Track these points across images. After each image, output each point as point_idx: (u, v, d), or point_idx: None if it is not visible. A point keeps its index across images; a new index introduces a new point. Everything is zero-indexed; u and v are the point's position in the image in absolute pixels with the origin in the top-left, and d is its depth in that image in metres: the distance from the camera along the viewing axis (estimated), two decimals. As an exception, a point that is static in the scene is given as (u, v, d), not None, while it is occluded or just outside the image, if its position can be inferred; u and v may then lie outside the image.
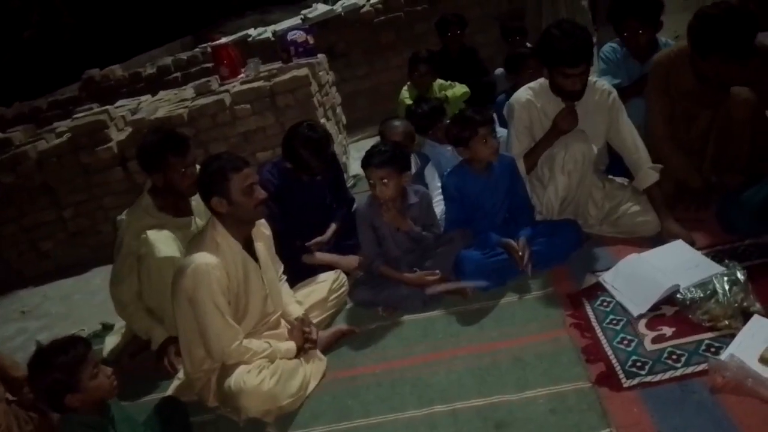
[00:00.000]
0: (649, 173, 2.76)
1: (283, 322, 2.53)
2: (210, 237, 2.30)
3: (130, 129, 4.43)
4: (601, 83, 2.84)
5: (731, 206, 2.61)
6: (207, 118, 4.25)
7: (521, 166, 2.86)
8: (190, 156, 2.69)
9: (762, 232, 2.52)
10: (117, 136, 4.48)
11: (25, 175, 4.45)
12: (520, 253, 2.65)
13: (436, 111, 3.52)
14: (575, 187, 2.80)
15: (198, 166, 2.69)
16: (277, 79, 4.26)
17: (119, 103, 5.20)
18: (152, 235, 2.63)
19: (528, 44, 4.35)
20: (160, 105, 4.65)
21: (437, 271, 2.69)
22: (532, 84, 2.89)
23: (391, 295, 2.75)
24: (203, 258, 2.22)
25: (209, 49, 5.68)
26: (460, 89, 4.24)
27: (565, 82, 2.65)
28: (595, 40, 4.69)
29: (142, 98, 5.15)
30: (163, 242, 2.62)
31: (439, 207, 3.05)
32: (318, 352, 2.50)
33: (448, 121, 3.15)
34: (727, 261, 2.34)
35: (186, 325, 2.30)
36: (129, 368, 2.82)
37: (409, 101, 4.19)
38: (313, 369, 2.43)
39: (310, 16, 5.79)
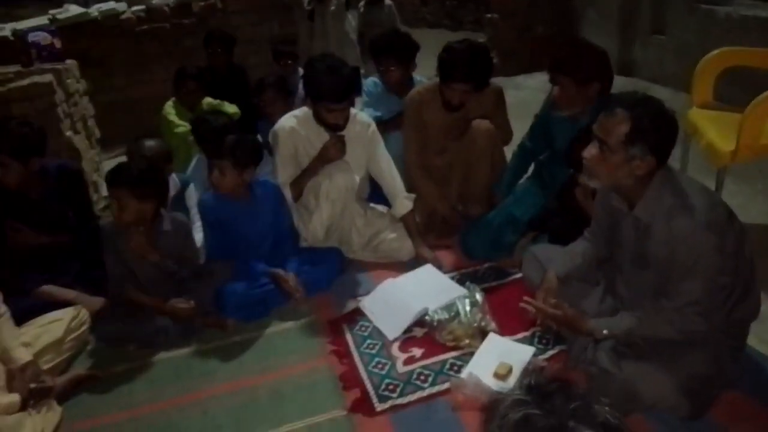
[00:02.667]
0: (404, 202, 2.94)
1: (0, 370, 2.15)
2: None
3: None
4: (361, 115, 2.96)
5: (470, 233, 2.89)
6: None
7: (287, 193, 2.85)
8: None
9: (496, 256, 2.82)
10: None
11: None
12: (291, 284, 2.61)
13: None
14: (339, 215, 2.87)
15: None
16: (14, 85, 3.70)
17: None
18: None
19: (300, 69, 4.39)
20: None
21: (191, 301, 2.52)
22: (296, 112, 2.90)
23: (142, 328, 2.50)
24: None
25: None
26: (229, 108, 4.10)
27: (328, 115, 2.72)
28: (362, 72, 4.95)
29: None
30: None
31: (200, 234, 2.87)
32: (51, 402, 2.17)
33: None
34: (468, 283, 2.57)
35: None
36: None
37: (173, 117, 3.93)
38: (43, 421, 2.09)
39: (59, 17, 5.17)
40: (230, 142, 2.58)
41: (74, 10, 5.28)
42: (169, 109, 4.00)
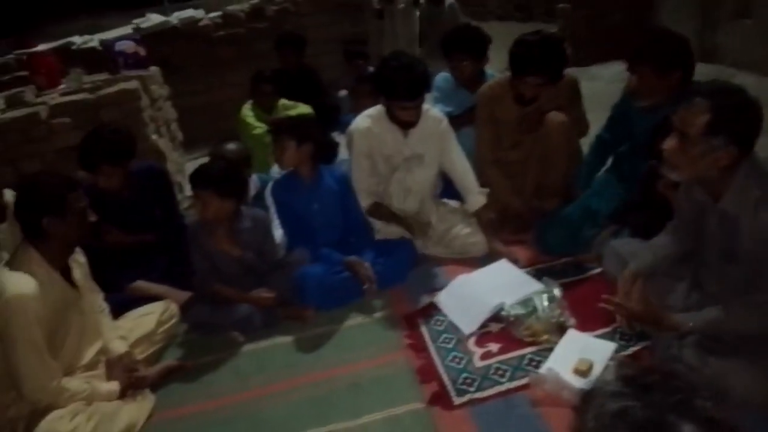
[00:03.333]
0: (477, 197, 2.93)
1: (101, 362, 2.30)
2: (23, 264, 2.06)
3: None
4: (433, 111, 2.96)
5: (547, 228, 2.84)
6: (18, 133, 3.79)
7: (363, 200, 2.89)
8: None
9: (574, 250, 2.76)
10: None
11: None
12: (366, 271, 2.67)
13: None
14: (418, 208, 2.88)
15: (6, 190, 2.40)
16: (103, 92, 3.93)
17: None
18: None
19: (370, 68, 4.44)
20: (-38, 116, 4.09)
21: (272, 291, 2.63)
22: (370, 111, 2.92)
23: (229, 315, 2.62)
24: (18, 287, 1.98)
25: (25, 56, 5.12)
26: (303, 109, 4.20)
27: (401, 113, 2.74)
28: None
29: (-60, 107, 4.50)
30: None
31: (279, 231, 2.97)
32: (145, 391, 2.30)
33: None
34: (545, 278, 2.53)
35: None
36: None
37: (251, 119, 4.08)
38: (138, 409, 2.22)
39: (142, 26, 5.45)
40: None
41: (155, 18, 5.54)
42: (247, 111, 4.14)
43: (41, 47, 4.70)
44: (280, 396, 2.24)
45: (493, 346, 2.32)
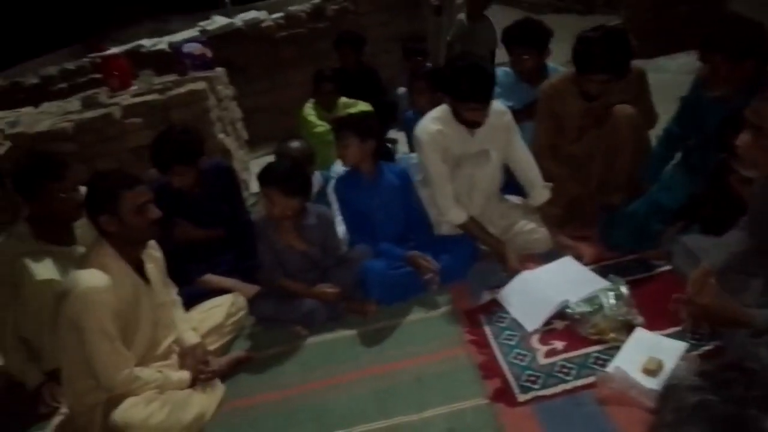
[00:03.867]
0: (541, 191, 2.89)
1: (174, 353, 2.40)
2: (97, 258, 2.15)
3: (8, 144, 4.08)
4: (496, 104, 2.92)
5: (613, 223, 2.78)
6: (93, 133, 3.99)
7: (456, 215, 2.81)
8: (69, 179, 2.50)
9: (642, 247, 2.69)
10: (-8, 151, 4.12)
11: None
12: (429, 264, 2.68)
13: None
14: (483, 205, 2.88)
15: (82, 187, 2.52)
16: (172, 93, 4.09)
17: (-4, 114, 4.79)
18: (30, 259, 2.42)
19: (428, 64, 4.45)
20: (43, 117, 4.33)
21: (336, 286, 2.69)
22: (435, 113, 2.87)
23: (294, 309, 2.69)
24: (90, 280, 2.07)
25: (99, 60, 5.38)
26: (363, 107, 4.25)
27: (468, 114, 2.71)
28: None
29: (23, 110, 4.78)
30: (41, 265, 2.43)
31: (342, 227, 3.03)
32: (215, 381, 2.39)
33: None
34: (611, 276, 2.48)
35: (69, 356, 2.13)
36: (4, 405, 2.59)
37: (312, 118, 4.16)
38: (209, 398, 2.31)
39: (208, 28, 5.63)
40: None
41: (220, 21, 5.71)
42: (308, 110, 4.22)
43: (113, 50, 4.91)
44: (344, 388, 2.28)
45: (558, 344, 2.29)
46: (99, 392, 2.16)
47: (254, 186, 4.46)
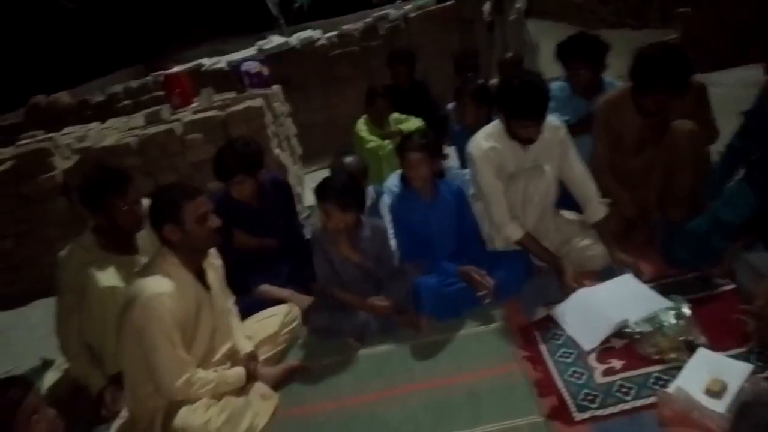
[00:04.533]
0: (598, 207, 2.83)
1: (229, 362, 2.45)
2: (160, 266, 2.24)
3: (76, 157, 4.30)
4: (550, 119, 2.91)
5: (674, 240, 2.70)
6: (156, 148, 4.16)
7: (513, 231, 2.78)
8: (132, 192, 2.62)
9: (704, 264, 2.61)
10: (62, 164, 4.34)
11: (-37, 204, 4.25)
12: (483, 279, 2.68)
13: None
14: (537, 220, 2.85)
15: (144, 200, 2.63)
16: (231, 109, 4.23)
17: (66, 130, 5.05)
18: (94, 267, 2.54)
19: (480, 80, 4.46)
20: (109, 133, 4.54)
21: (388, 298, 2.71)
22: (488, 128, 2.86)
23: (347, 321, 2.73)
24: (155, 288, 2.15)
25: (161, 78, 5.61)
26: (414, 123, 4.29)
27: (522, 131, 2.70)
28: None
29: (90, 126, 5.03)
30: (105, 273, 2.54)
31: (393, 240, 3.05)
32: (268, 389, 2.43)
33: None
34: (672, 295, 2.41)
35: (132, 361, 2.22)
36: (71, 406, 2.67)
37: (365, 133, 4.22)
38: (264, 406, 2.36)
39: (264, 47, 5.80)
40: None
41: (276, 40, 5.89)
42: (361, 126, 4.28)
43: (176, 69, 5.11)
44: (398, 400, 2.29)
45: (616, 363, 2.24)
46: (160, 397, 2.22)
47: (308, 199, 4.55)
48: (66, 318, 2.61)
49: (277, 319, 2.75)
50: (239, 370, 2.35)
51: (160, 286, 2.16)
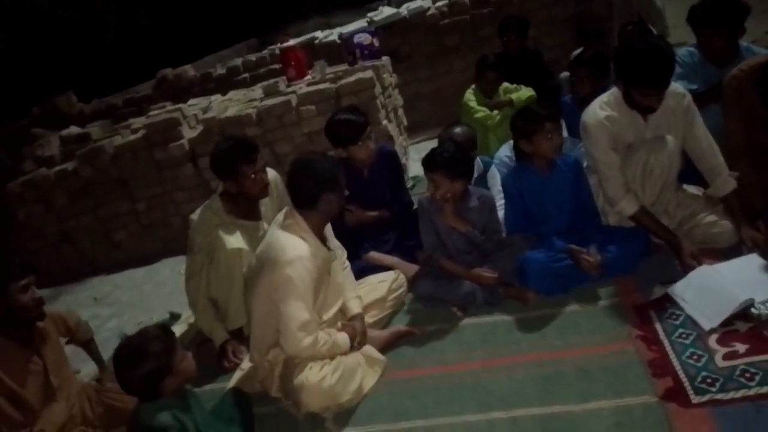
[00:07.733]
0: (728, 180, 2.65)
1: (338, 321, 2.56)
2: (295, 231, 2.36)
3: (201, 127, 4.59)
4: (674, 86, 2.71)
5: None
6: (274, 119, 4.35)
7: (628, 205, 2.67)
8: (260, 161, 2.77)
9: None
10: (189, 133, 4.66)
11: (102, 168, 4.68)
12: (591, 260, 2.59)
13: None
14: (657, 194, 2.72)
15: (270, 169, 2.78)
16: (343, 81, 4.32)
17: (191, 101, 5.40)
18: (222, 230, 2.72)
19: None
20: (230, 104, 4.80)
21: (494, 270, 2.69)
22: (604, 97, 2.73)
23: (452, 290, 2.75)
24: (297, 250, 2.29)
25: (277, 51, 5.81)
26: (525, 92, 4.19)
27: (644, 99, 2.55)
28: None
29: (213, 97, 5.33)
30: (232, 236, 2.72)
31: (501, 212, 3.02)
32: (376, 351, 2.51)
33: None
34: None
35: (263, 315, 2.37)
36: (196, 357, 2.91)
37: (473, 103, 4.18)
38: (373, 367, 2.45)
39: (376, 19, 5.84)
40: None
41: (387, 11, 5.90)
42: (469, 95, 4.25)
43: (291, 42, 5.28)
44: (504, 370, 2.30)
45: (740, 347, 2.11)
46: (281, 352, 2.37)
47: (412, 170, 4.59)
48: (195, 275, 2.82)
49: (385, 284, 2.83)
50: (345, 336, 2.43)
51: (301, 249, 2.29)
